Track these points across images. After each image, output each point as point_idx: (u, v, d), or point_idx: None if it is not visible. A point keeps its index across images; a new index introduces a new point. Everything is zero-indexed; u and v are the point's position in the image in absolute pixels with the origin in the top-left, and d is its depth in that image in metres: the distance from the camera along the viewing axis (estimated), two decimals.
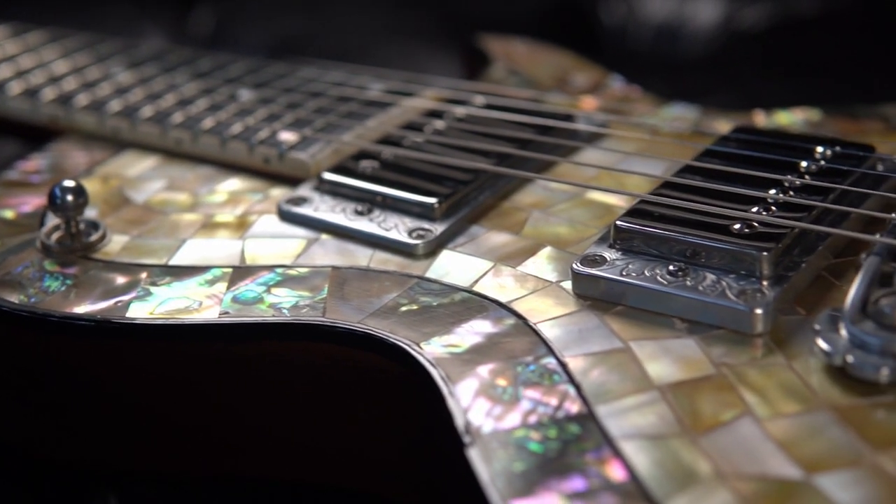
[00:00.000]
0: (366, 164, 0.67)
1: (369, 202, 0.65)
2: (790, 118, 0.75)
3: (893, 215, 0.56)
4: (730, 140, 0.66)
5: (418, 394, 0.54)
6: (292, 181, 0.69)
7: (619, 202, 0.64)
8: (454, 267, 0.60)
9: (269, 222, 0.66)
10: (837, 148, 0.64)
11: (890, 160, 0.64)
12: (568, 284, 0.58)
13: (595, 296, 0.56)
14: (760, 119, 0.75)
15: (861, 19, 1.15)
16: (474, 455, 0.48)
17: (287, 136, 0.71)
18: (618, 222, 0.58)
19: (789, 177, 0.61)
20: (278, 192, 0.69)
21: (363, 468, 0.60)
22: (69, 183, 0.64)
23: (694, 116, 0.75)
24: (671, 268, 0.56)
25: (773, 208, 0.58)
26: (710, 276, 0.55)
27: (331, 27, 1.26)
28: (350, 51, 1.11)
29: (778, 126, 0.73)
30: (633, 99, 0.79)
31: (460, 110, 0.73)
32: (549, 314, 0.56)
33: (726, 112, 0.76)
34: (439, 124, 0.72)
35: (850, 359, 0.50)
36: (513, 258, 0.60)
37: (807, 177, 0.61)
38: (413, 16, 1.28)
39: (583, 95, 0.79)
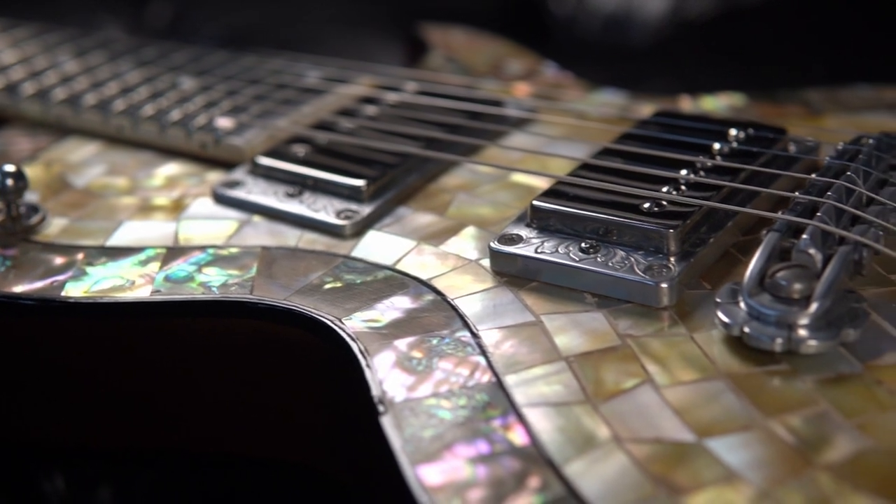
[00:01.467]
0: (298, 149, 0.70)
1: (300, 185, 0.67)
2: (715, 103, 0.78)
3: (797, 194, 0.59)
4: (649, 124, 0.69)
5: (340, 367, 0.56)
6: (228, 165, 0.71)
7: (541, 184, 0.66)
8: (379, 246, 0.62)
9: (203, 205, 0.68)
10: (751, 130, 0.66)
11: (803, 142, 0.67)
12: (487, 262, 0.60)
13: (512, 272, 0.59)
14: (687, 104, 0.78)
15: (804, 8, 1.18)
16: (386, 423, 0.50)
17: (224, 123, 0.73)
18: (534, 202, 0.60)
19: (701, 158, 0.63)
20: (214, 176, 0.71)
21: (294, 440, 0.62)
22: (9, 167, 0.66)
23: (622, 101, 0.77)
24: (583, 245, 0.58)
25: (684, 188, 0.61)
26: (620, 253, 0.57)
27: (285, 18, 1.27)
28: (303, 40, 1.13)
29: (701, 110, 0.76)
30: (565, 85, 0.81)
31: (393, 96, 0.76)
32: (467, 290, 0.58)
33: (655, 97, 0.78)
34: (372, 110, 0.74)
35: (747, 330, 0.52)
36: (436, 238, 0.63)
37: (719, 158, 0.63)
38: (368, 7, 1.30)
39: (516, 82, 0.82)
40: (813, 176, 0.60)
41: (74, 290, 0.61)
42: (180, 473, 0.70)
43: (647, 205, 0.59)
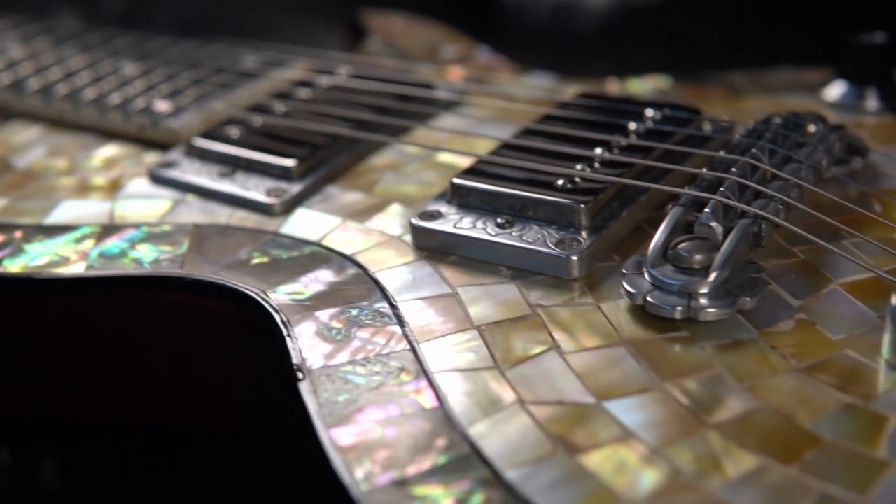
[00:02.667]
0: (233, 131, 0.72)
1: (233, 165, 0.69)
2: (641, 85, 0.80)
3: (704, 170, 0.61)
4: (570, 105, 0.71)
5: (265, 337, 0.58)
6: (165, 147, 0.74)
7: (466, 163, 0.68)
8: (307, 223, 0.65)
9: (139, 185, 0.70)
10: (667, 111, 0.69)
11: (718, 122, 0.69)
12: (409, 238, 0.62)
13: (432, 247, 0.61)
14: (614, 86, 0.80)
15: None
16: (304, 388, 0.53)
17: (162, 106, 0.75)
18: (454, 180, 0.63)
19: (617, 137, 0.65)
20: (151, 158, 0.73)
21: (225, 409, 0.65)
22: None
23: (551, 84, 0.80)
24: (499, 220, 0.61)
25: (598, 165, 0.63)
26: (535, 228, 0.60)
27: (237, 5, 1.29)
28: (253, 27, 1.15)
29: (626, 92, 0.78)
30: (497, 69, 0.84)
31: (327, 80, 0.78)
32: (388, 264, 0.61)
33: (584, 80, 0.81)
34: (306, 93, 0.76)
35: (650, 299, 0.55)
36: (362, 215, 0.65)
37: (634, 137, 0.66)
38: None
39: (450, 65, 0.84)
40: (721, 153, 0.63)
41: (12, 266, 0.63)
42: (123, 445, 0.72)
43: (560, 181, 0.61)
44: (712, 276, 0.54)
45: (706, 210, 0.57)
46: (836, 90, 0.78)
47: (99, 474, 0.74)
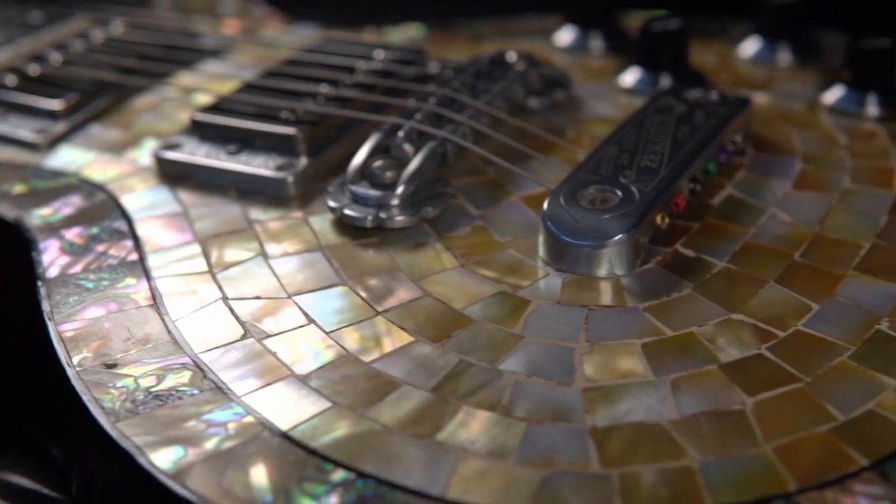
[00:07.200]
0: (9, 77, 0.79)
1: (7, 107, 0.77)
2: (397, 34, 0.89)
3: (411, 102, 0.70)
4: (312, 50, 0.80)
5: (22, 256, 0.66)
6: None
7: None
8: (68, 157, 0.73)
9: None
10: (396, 52, 0.78)
11: (443, 62, 0.78)
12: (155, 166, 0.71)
13: (173, 173, 0.70)
14: (372, 35, 0.89)
15: None
16: (41, 294, 0.61)
17: None
18: (194, 116, 0.71)
19: (344, 76, 0.74)
20: None
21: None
22: None
23: (312, 34, 0.88)
24: (231, 149, 0.69)
25: (322, 100, 0.72)
26: (261, 155, 0.69)
27: None
28: None
29: (379, 39, 0.87)
30: (267, 20, 0.92)
31: (102, 32, 0.86)
32: (133, 189, 0.69)
33: (344, 28, 0.89)
34: (82, 44, 0.84)
35: (347, 211, 0.63)
36: (117, 149, 0.73)
37: (360, 75, 0.75)
38: None
39: (226, 18, 0.92)
40: (430, 87, 0.72)
41: None
42: None
43: (285, 114, 0.70)
44: (399, 189, 0.63)
45: (399, 134, 0.66)
46: (565, 35, 0.87)
47: None
